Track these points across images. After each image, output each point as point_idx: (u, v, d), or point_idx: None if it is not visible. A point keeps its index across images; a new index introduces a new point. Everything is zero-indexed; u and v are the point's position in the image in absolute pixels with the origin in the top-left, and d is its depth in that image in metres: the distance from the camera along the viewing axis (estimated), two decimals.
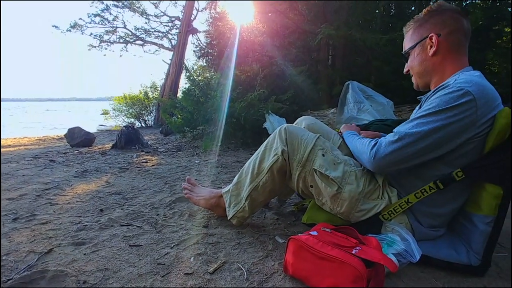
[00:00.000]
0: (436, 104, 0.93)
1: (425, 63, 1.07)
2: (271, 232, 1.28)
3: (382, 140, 0.99)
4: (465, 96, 0.89)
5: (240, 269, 0.99)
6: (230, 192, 1.29)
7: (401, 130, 0.96)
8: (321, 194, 1.11)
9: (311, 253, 0.87)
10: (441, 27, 1.03)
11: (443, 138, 0.91)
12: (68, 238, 1.22)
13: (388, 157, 0.95)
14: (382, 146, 0.97)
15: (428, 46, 1.05)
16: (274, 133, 1.20)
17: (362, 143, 1.07)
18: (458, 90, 0.90)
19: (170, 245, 1.16)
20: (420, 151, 0.93)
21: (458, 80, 0.94)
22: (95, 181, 2.14)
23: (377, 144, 0.99)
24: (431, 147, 0.92)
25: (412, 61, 1.11)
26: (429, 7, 1.08)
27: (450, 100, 0.91)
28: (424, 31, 1.07)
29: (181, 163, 2.80)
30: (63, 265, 1.01)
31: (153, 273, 0.97)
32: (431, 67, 1.07)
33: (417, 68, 1.10)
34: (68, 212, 1.52)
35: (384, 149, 0.96)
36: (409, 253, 0.92)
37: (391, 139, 0.96)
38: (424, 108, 0.96)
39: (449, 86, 0.94)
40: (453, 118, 0.90)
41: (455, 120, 0.90)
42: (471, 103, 0.89)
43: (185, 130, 4.08)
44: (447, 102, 0.91)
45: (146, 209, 1.55)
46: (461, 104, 0.89)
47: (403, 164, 0.97)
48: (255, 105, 3.38)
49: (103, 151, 3.53)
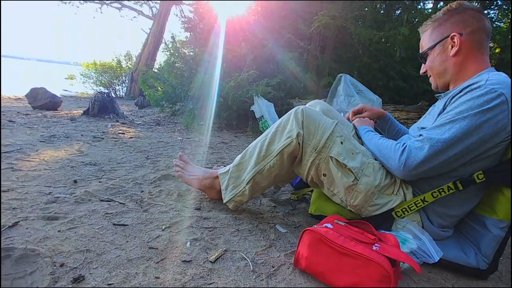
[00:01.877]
0: (469, 107, 0.86)
1: (446, 63, 1.02)
2: (270, 220, 1.19)
3: (412, 146, 0.91)
4: (498, 98, 0.84)
5: (244, 259, 0.89)
6: (229, 173, 1.18)
7: (432, 136, 0.89)
8: (334, 184, 1.03)
9: (331, 247, 0.79)
10: (463, 26, 0.99)
11: (475, 143, 0.86)
12: (37, 210, 1.04)
13: (420, 166, 0.89)
14: (413, 154, 0.90)
15: (449, 45, 1.01)
16: (288, 114, 1.09)
17: (387, 147, 0.99)
18: (492, 92, 0.85)
19: (161, 227, 1.03)
20: (451, 157, 0.87)
21: (490, 81, 0.88)
22: (65, 148, 1.91)
23: (406, 150, 0.91)
24: (463, 153, 0.87)
25: (432, 61, 1.06)
26: (448, 6, 1.03)
27: (483, 102, 0.85)
28: (444, 30, 1.02)
29: (162, 138, 2.60)
30: (33, 242, 0.84)
31: (145, 258, 0.84)
32: (452, 67, 1.02)
33: (437, 68, 1.05)
34: (35, 181, 1.31)
35: (416, 158, 0.89)
36: (426, 253, 0.88)
37: (421, 145, 0.89)
38: (453, 110, 0.90)
39: (480, 87, 0.88)
40: (487, 122, 0.84)
41: (489, 124, 0.84)
42: (504, 106, 0.84)
43: (164, 104, 3.82)
44: (481, 104, 0.85)
45: (128, 185, 1.39)
46: (494, 106, 0.84)
47: (434, 171, 0.91)
48: (244, 86, 3.23)
49: (72, 117, 3.20)
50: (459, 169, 0.94)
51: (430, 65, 1.07)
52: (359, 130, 1.20)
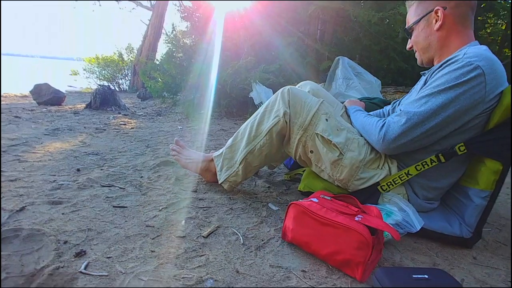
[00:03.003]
0: (445, 80, 0.89)
1: (430, 37, 1.03)
2: (263, 199, 1.24)
3: (390, 121, 0.95)
4: (474, 71, 0.86)
5: (235, 234, 0.95)
6: (223, 155, 1.22)
7: (409, 109, 0.92)
8: (321, 160, 1.07)
9: (314, 219, 0.83)
10: (447, 0, 0.98)
11: (452, 115, 0.88)
12: (42, 196, 1.10)
13: (398, 139, 0.92)
14: (391, 128, 0.93)
15: (433, 20, 1.01)
16: (276, 95, 1.12)
17: (370, 123, 1.03)
18: (468, 65, 0.87)
19: (158, 207, 1.09)
20: (429, 130, 0.90)
21: (467, 54, 0.90)
22: (69, 140, 1.97)
23: (385, 125, 0.95)
24: (440, 125, 0.90)
25: (417, 36, 1.06)
26: None
27: (459, 75, 0.87)
28: (428, 4, 1.02)
29: (163, 128, 2.66)
30: (39, 224, 0.91)
31: (142, 235, 0.90)
32: (436, 42, 1.02)
33: (422, 43, 1.06)
34: (40, 170, 1.38)
35: (393, 131, 0.93)
36: (409, 223, 0.91)
37: (399, 119, 0.92)
38: (431, 84, 0.92)
39: (458, 60, 0.90)
40: (463, 95, 0.87)
41: (465, 97, 0.87)
42: (481, 78, 0.86)
43: (165, 95, 3.86)
44: (457, 77, 0.87)
45: (129, 171, 1.45)
46: (471, 79, 0.86)
47: (412, 144, 0.94)
48: (242, 74, 3.24)
49: (76, 111, 3.28)
50: (442, 142, 0.96)
51: (415, 40, 1.08)
52: (348, 109, 1.23)
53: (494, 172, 0.94)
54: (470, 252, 0.98)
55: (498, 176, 0.94)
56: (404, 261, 0.89)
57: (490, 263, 0.93)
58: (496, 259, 0.96)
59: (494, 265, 0.92)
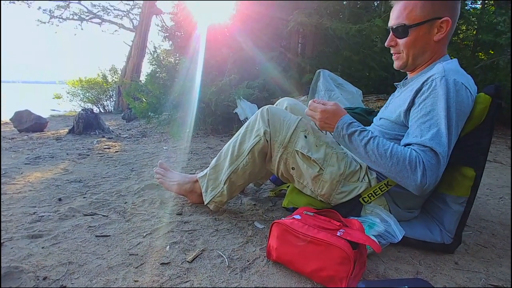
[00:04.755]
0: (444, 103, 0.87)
1: (426, 46, 0.97)
2: (249, 218, 1.24)
3: (427, 162, 0.84)
4: (463, 88, 0.89)
5: (220, 256, 0.94)
6: (207, 176, 1.23)
7: (439, 149, 0.85)
8: (302, 176, 1.08)
9: (296, 236, 0.84)
10: (453, 13, 0.95)
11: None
12: (21, 230, 1.08)
13: (438, 178, 0.87)
14: (431, 171, 0.85)
15: (435, 28, 0.95)
16: (256, 115, 1.14)
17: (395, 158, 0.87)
18: (456, 83, 0.88)
19: (142, 234, 1.07)
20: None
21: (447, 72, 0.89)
22: (50, 169, 1.94)
23: (424, 166, 0.84)
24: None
25: (415, 39, 0.97)
26: None
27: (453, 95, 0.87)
28: (438, 8, 0.93)
29: (148, 149, 2.64)
30: (17, 260, 0.88)
31: (125, 264, 0.88)
32: (429, 52, 0.99)
33: (417, 48, 0.98)
34: (20, 202, 1.34)
35: (434, 174, 0.85)
36: (390, 234, 0.93)
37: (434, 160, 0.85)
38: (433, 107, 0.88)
39: (443, 78, 0.88)
40: (462, 114, 0.90)
41: (464, 115, 0.91)
42: (468, 93, 0.90)
43: (150, 115, 3.85)
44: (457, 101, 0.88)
45: (112, 197, 1.43)
46: (464, 97, 0.89)
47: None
48: (226, 91, 3.28)
49: (58, 137, 3.22)
50: None
51: (411, 43, 0.98)
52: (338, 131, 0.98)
53: (468, 178, 0.98)
54: (452, 257, 1.01)
55: (472, 182, 0.98)
56: (388, 272, 0.90)
57: (471, 267, 0.95)
58: (477, 263, 0.98)
59: (475, 269, 0.94)
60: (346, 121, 0.97)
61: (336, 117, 0.98)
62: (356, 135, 0.94)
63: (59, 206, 1.31)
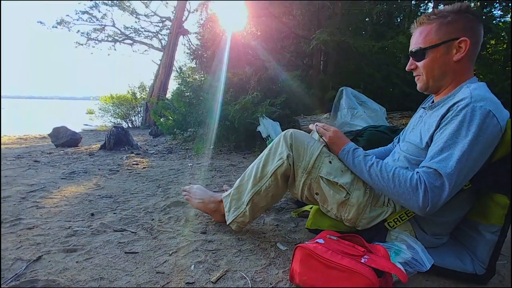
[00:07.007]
0: (466, 130, 0.85)
1: (446, 67, 0.97)
2: (272, 239, 1.25)
3: (429, 184, 0.85)
4: (490, 116, 0.85)
5: (243, 278, 0.95)
6: (230, 196, 1.25)
7: (444, 171, 0.84)
8: (327, 202, 1.08)
9: (319, 262, 0.84)
10: (472, 34, 0.94)
11: (481, 162, 0.89)
12: (58, 244, 1.15)
13: (444, 202, 0.87)
14: (435, 192, 0.85)
15: (453, 49, 0.95)
16: (279, 137, 1.17)
17: (396, 180, 0.91)
18: (482, 110, 0.85)
19: (168, 252, 1.11)
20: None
21: (474, 98, 0.88)
22: (84, 183, 2.05)
23: (425, 187, 0.85)
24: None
25: (433, 61, 0.98)
26: (458, 6, 0.95)
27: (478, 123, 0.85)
28: (453, 30, 0.94)
29: (173, 166, 2.73)
30: (54, 274, 0.94)
31: (152, 282, 0.92)
32: (451, 73, 0.98)
33: (436, 70, 0.99)
34: (57, 216, 1.44)
35: (439, 198, 0.85)
36: (418, 262, 0.91)
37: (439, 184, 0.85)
38: (453, 133, 0.87)
39: (468, 105, 0.87)
40: (486, 143, 0.86)
41: (488, 144, 0.87)
42: (495, 121, 0.86)
43: (176, 132, 4.00)
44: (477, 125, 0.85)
45: (140, 214, 1.49)
46: (489, 125, 0.85)
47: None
48: (249, 108, 3.35)
49: (91, 152, 3.41)
50: None
51: (429, 65, 0.99)
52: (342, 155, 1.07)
53: (502, 207, 0.94)
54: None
55: (506, 210, 0.93)
56: None
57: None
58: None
59: None
60: (352, 146, 1.07)
61: (344, 140, 1.10)
62: (360, 158, 1.02)
63: (92, 221, 1.39)
